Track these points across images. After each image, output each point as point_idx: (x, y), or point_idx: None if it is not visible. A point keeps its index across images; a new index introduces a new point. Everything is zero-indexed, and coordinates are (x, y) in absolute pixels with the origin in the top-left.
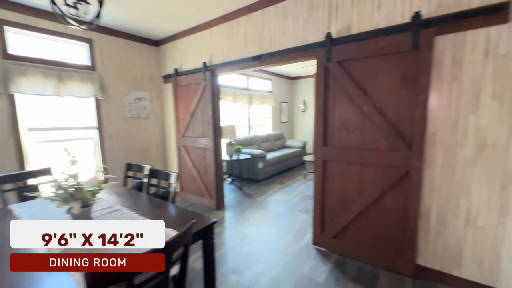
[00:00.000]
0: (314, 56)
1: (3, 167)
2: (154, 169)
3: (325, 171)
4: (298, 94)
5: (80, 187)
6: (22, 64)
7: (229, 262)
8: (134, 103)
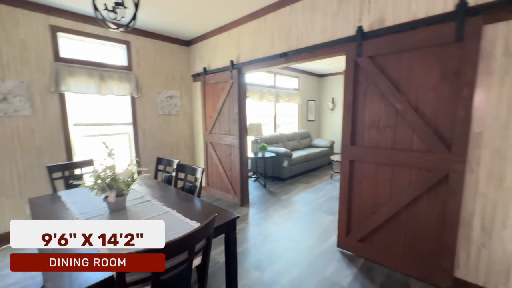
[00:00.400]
0: (343, 52)
1: (54, 158)
2: (182, 163)
3: (352, 171)
4: (327, 92)
5: (115, 178)
6: (70, 66)
7: (251, 258)
8: (165, 101)
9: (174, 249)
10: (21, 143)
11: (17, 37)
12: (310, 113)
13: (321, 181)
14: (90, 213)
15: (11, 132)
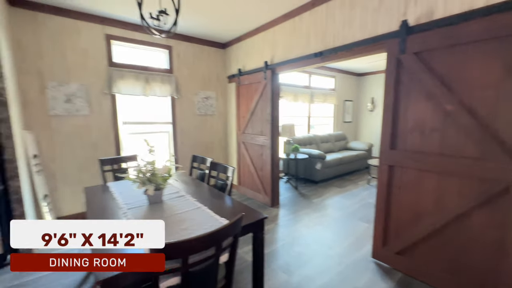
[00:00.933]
0: (384, 49)
1: (106, 153)
2: (215, 162)
3: (391, 177)
4: (366, 91)
5: (154, 173)
6: (121, 70)
7: (279, 259)
8: (202, 102)
9: (202, 244)
10: (81, 139)
11: (79, 45)
12: (347, 114)
13: (356, 186)
14: (133, 203)
15: (73, 129)
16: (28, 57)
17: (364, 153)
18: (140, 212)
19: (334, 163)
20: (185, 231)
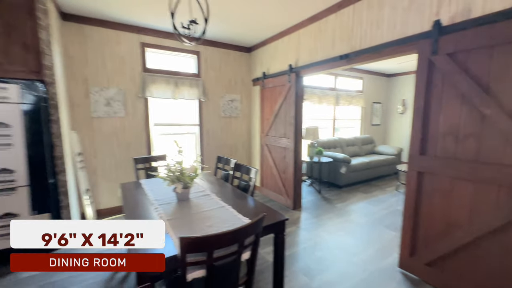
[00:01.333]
0: (415, 50)
1: (138, 152)
2: (238, 163)
3: (420, 184)
4: (396, 93)
5: (183, 172)
6: (153, 75)
7: (300, 262)
8: (227, 104)
9: (226, 240)
10: (118, 139)
11: (118, 54)
12: (375, 116)
13: (383, 192)
14: (163, 200)
15: (112, 129)
16: (75, 66)
17: (393, 157)
18: (169, 208)
19: (360, 168)
20: (210, 228)
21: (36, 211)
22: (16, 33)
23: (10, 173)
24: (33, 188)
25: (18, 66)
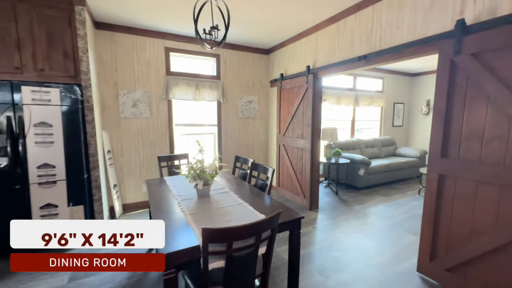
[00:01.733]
0: (436, 50)
1: (162, 151)
2: (256, 163)
3: (441, 188)
4: (420, 93)
5: (203, 170)
6: (176, 78)
7: (316, 262)
8: (245, 105)
9: (245, 233)
10: (143, 138)
11: (144, 58)
12: (397, 117)
13: (404, 196)
14: (185, 195)
15: (137, 130)
16: (107, 70)
17: (416, 160)
18: (191, 203)
19: (380, 170)
20: (229, 222)
21: (72, 203)
22: (57, 42)
23: (52, 168)
24: (70, 182)
25: (59, 71)
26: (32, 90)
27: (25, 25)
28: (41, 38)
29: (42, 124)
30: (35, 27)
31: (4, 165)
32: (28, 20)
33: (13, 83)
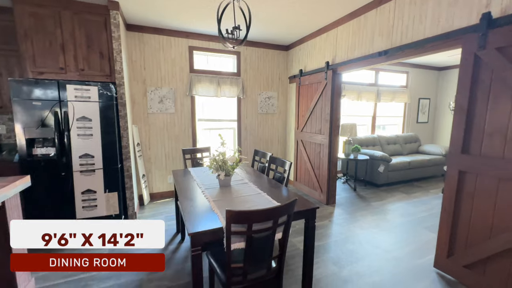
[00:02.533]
0: (459, 45)
1: (185, 144)
2: (274, 156)
3: (461, 184)
4: (448, 88)
5: (225, 161)
6: (199, 75)
7: (331, 253)
8: (264, 101)
9: (264, 216)
10: (168, 132)
11: (170, 56)
12: (421, 113)
13: (426, 194)
14: (208, 185)
15: (163, 124)
16: (136, 69)
17: (440, 158)
18: (214, 192)
19: (401, 167)
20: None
21: (108, 190)
22: (94, 44)
23: (91, 157)
24: (106, 171)
25: (96, 71)
26: (75, 88)
27: (68, 30)
28: (81, 41)
29: (83, 119)
30: (76, 31)
31: (52, 155)
32: (70, 25)
33: (59, 82)
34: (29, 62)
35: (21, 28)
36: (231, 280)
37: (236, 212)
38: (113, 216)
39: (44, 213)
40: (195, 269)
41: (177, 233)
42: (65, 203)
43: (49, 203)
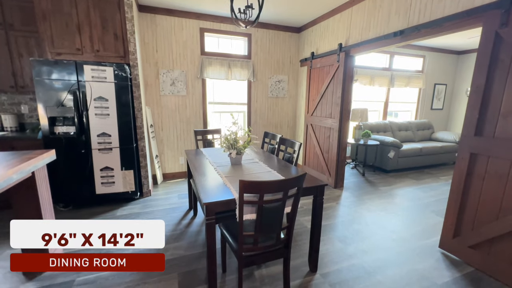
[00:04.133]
0: (480, 23)
1: (196, 126)
2: (283, 138)
3: (472, 166)
4: (467, 73)
5: (236, 140)
6: (210, 58)
7: (337, 231)
8: (275, 85)
9: (275, 187)
10: (180, 114)
11: (181, 39)
12: (437, 100)
13: (437, 180)
14: (220, 163)
15: (175, 106)
16: (149, 51)
17: (453, 145)
18: (226, 169)
19: (411, 153)
20: None
21: (124, 167)
22: (109, 26)
23: (108, 136)
24: (122, 150)
25: (111, 52)
26: (92, 69)
27: (83, 10)
28: (96, 22)
29: (100, 99)
30: (91, 12)
31: (73, 133)
32: (85, 6)
33: (77, 63)
34: (47, 43)
35: (39, 9)
36: (242, 247)
37: (249, 182)
38: (130, 193)
39: (66, 187)
40: (209, 237)
41: (190, 210)
42: (85, 179)
43: (71, 178)
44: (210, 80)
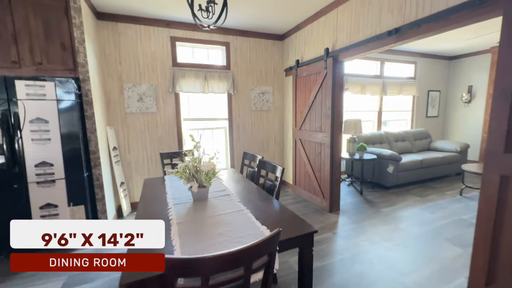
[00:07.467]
0: (499, 10)
1: (170, 147)
2: (263, 160)
3: (505, 192)
4: (460, 78)
5: (199, 169)
6: (183, 69)
7: (336, 277)
8: (258, 97)
9: (226, 263)
10: (150, 133)
11: (149, 49)
12: (431, 107)
13: (442, 196)
14: (179, 199)
15: (144, 125)
16: (111, 63)
17: (455, 155)
18: (183, 209)
19: (412, 166)
20: (220, 236)
21: (73, 203)
22: (54, 34)
23: (50, 166)
24: (69, 181)
25: (57, 65)
26: (26, 84)
27: (21, 17)
28: (38, 30)
29: (38, 120)
30: (31, 18)
31: (1, 163)
32: (24, 12)
33: (6, 78)
34: None
35: None
36: None
37: (180, 261)
38: None
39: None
40: None
41: None
42: (20, 219)
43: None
44: (185, 94)
